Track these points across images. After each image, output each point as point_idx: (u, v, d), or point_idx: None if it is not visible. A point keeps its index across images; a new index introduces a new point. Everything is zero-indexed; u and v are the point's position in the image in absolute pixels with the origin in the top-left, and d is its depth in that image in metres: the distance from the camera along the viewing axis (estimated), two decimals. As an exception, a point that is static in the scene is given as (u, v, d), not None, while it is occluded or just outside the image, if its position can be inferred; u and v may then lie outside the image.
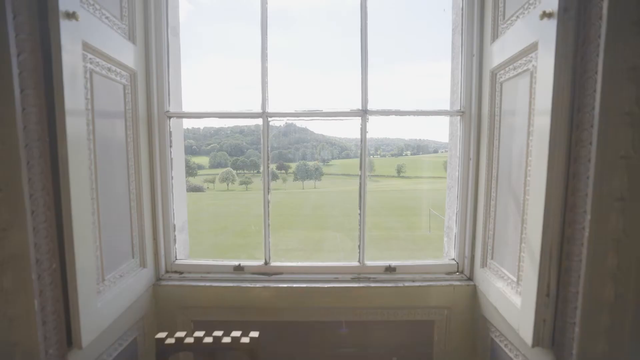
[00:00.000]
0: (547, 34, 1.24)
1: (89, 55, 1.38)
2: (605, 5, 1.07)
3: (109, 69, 1.54)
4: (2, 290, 1.15)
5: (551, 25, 1.21)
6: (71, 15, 1.20)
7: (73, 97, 1.25)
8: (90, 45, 1.36)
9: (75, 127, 1.26)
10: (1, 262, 1.14)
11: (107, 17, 1.52)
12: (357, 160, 2.01)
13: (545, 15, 1.22)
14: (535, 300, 1.31)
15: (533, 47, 1.35)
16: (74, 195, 1.25)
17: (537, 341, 1.32)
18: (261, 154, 2.02)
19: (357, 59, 1.98)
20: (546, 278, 1.29)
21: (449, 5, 2.14)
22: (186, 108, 2.13)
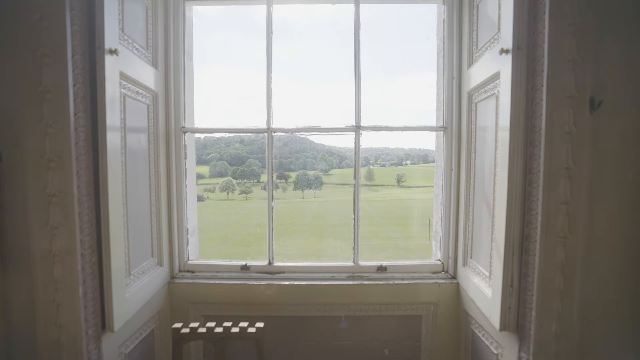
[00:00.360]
0: (505, 66, 1.50)
1: (124, 82, 1.63)
2: (546, 46, 1.33)
3: (137, 92, 1.80)
4: (52, 279, 1.38)
5: (508, 59, 1.46)
6: (113, 52, 1.46)
7: (112, 117, 1.50)
8: (125, 74, 1.62)
9: (113, 142, 1.51)
10: (53, 255, 1.37)
11: (137, 49, 1.79)
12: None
13: (503, 51, 1.48)
14: (501, 290, 1.54)
15: (497, 76, 1.61)
16: (111, 200, 1.49)
17: (503, 325, 1.54)
18: (266, 165, 2.26)
19: (360, 69, 2.23)
20: (510, 271, 1.52)
21: (434, 33, 2.41)
22: (197, 122, 2.38)
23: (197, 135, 2.41)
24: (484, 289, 1.76)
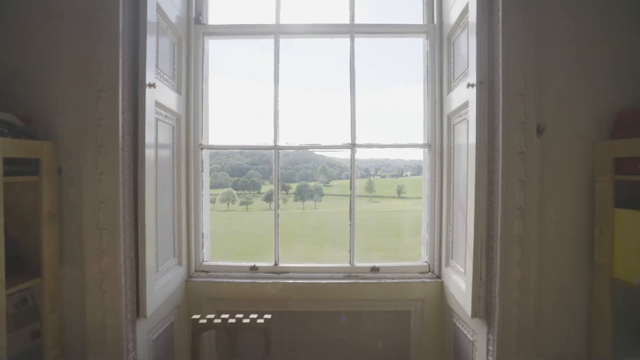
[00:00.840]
0: (472, 97, 1.83)
1: (157, 109, 1.96)
2: (500, 82, 1.66)
3: (166, 116, 2.13)
4: (100, 270, 1.68)
5: (473, 92, 1.80)
6: (151, 85, 1.80)
7: (149, 138, 1.82)
8: (158, 102, 1.95)
9: (149, 159, 1.82)
10: (101, 251, 1.67)
11: (166, 80, 2.13)
12: (358, 181, 2.55)
13: (470, 85, 1.82)
14: (472, 283, 1.83)
15: (466, 104, 1.94)
16: (147, 206, 1.79)
17: (474, 313, 1.83)
18: (273, 178, 2.58)
19: (355, 93, 2.55)
20: (478, 266, 1.82)
21: (420, 62, 2.75)
22: (212, 140, 2.70)
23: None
24: (461, 284, 2.05)
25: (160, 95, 1.98)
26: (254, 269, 2.58)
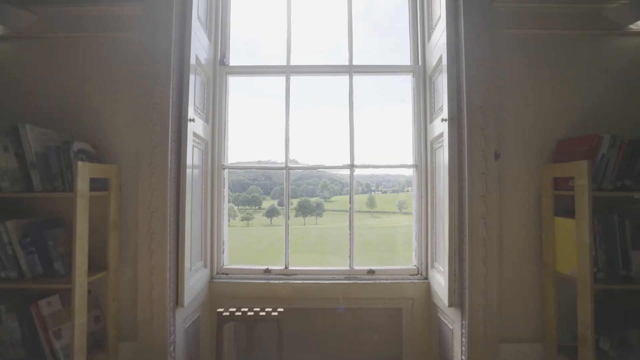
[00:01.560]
0: (445, 129, 2.30)
1: (193, 137, 2.44)
2: (465, 118, 2.13)
3: (198, 143, 2.61)
4: (150, 267, 2.11)
5: (446, 125, 2.27)
6: (191, 120, 2.28)
7: (189, 161, 2.28)
8: (195, 133, 2.42)
9: (188, 177, 2.28)
10: (152, 251, 2.11)
11: (199, 113, 2.61)
12: (359, 197, 2.99)
13: (443, 119, 2.29)
14: (448, 279, 2.25)
15: (442, 134, 2.41)
16: (186, 216, 2.24)
17: (451, 303, 2.24)
18: (284, 194, 3.03)
19: (354, 122, 3.03)
20: (453, 265, 2.24)
21: (409, 94, 3.25)
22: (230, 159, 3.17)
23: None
24: (441, 281, 2.46)
25: (195, 126, 2.46)
26: (267, 271, 2.99)
